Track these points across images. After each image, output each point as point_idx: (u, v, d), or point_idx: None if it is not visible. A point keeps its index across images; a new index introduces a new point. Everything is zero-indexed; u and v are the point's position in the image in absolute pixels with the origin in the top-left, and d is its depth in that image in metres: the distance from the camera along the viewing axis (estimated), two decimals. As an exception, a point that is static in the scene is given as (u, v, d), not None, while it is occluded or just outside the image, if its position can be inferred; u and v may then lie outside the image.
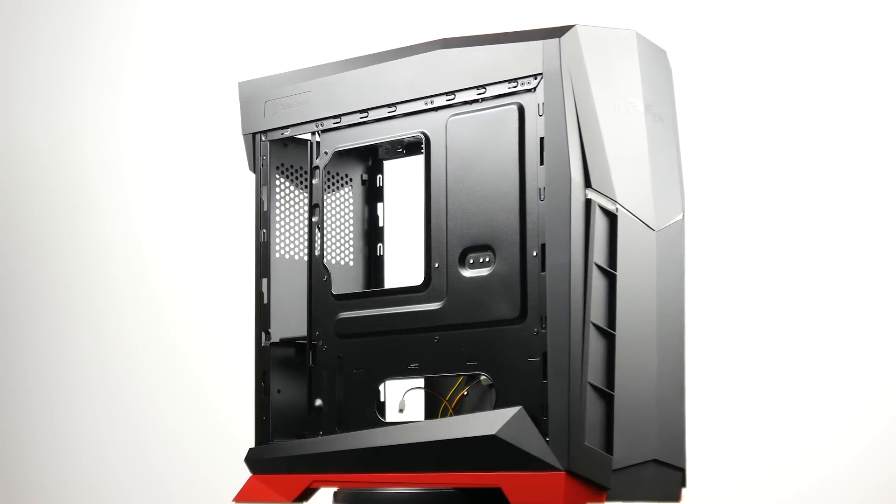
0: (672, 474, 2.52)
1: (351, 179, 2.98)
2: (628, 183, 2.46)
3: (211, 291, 4.11)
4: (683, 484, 2.56)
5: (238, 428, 3.24)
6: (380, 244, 2.99)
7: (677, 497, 2.54)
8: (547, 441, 2.40)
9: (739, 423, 4.10)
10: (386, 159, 3.00)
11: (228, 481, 3.08)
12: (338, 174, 2.96)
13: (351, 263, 2.98)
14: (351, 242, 2.97)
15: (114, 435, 3.99)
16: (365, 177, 2.99)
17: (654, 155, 2.53)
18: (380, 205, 3.00)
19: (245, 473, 2.81)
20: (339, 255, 2.94)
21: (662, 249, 2.51)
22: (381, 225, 3.00)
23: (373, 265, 2.99)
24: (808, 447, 4.03)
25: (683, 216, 2.61)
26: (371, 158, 3.00)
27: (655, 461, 2.48)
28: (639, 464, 2.45)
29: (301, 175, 2.91)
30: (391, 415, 2.85)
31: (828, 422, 4.02)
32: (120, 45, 4.21)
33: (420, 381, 2.81)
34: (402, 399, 2.82)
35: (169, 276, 4.11)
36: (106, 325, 4.02)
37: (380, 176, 3.00)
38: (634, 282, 2.46)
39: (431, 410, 2.79)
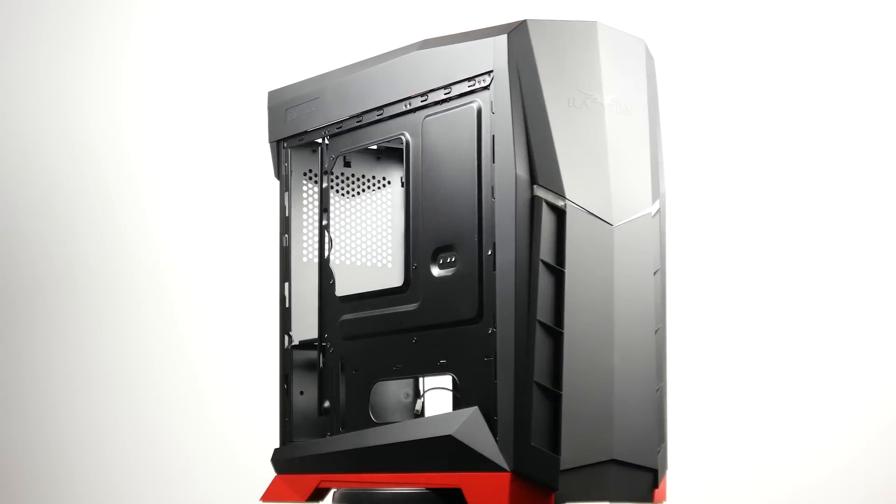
0: (638, 475, 2.45)
1: (389, 182, 3.02)
2: (581, 178, 2.41)
3: (230, 295, 4.15)
4: (655, 485, 2.47)
5: (263, 429, 3.31)
6: None
7: (647, 498, 2.46)
8: (497, 441, 2.38)
9: (738, 422, 4.04)
10: None
11: (250, 481, 3.17)
12: (374, 177, 3.00)
13: (389, 265, 3.01)
14: (390, 244, 3.01)
15: (131, 435, 4.06)
16: (405, 178, 3.02)
17: (616, 147, 2.46)
18: None
19: (267, 474, 2.89)
20: (378, 257, 2.98)
21: (624, 244, 2.44)
22: None
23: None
24: (807, 446, 3.98)
25: (660, 209, 2.52)
26: None
27: (615, 461, 2.40)
28: (594, 464, 2.39)
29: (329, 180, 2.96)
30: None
31: (826, 421, 3.98)
32: (138, 46, 4.23)
33: (447, 381, 2.83)
34: (420, 399, 2.85)
35: (189, 281, 4.15)
36: (127, 327, 4.10)
37: None
38: (588, 278, 2.40)
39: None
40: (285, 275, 2.91)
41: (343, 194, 2.97)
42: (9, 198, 4.07)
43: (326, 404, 2.79)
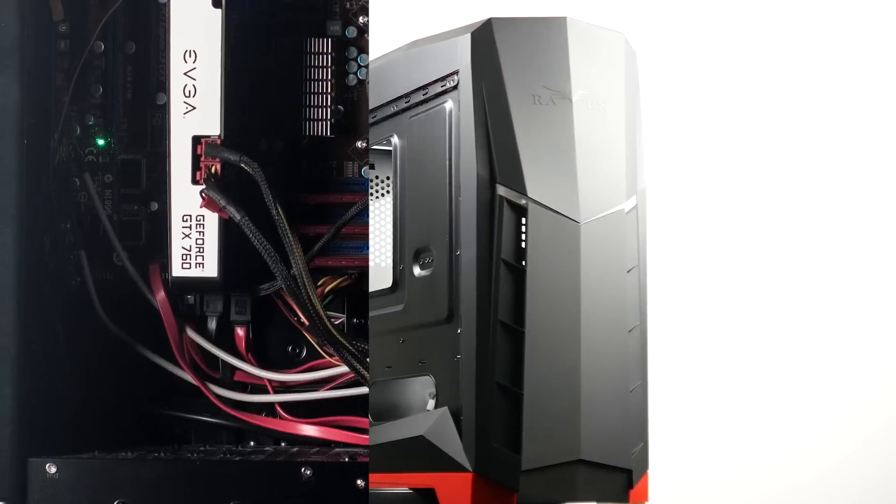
0: (610, 475, 2.41)
1: None
2: (545, 175, 2.38)
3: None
4: (631, 485, 2.43)
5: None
6: None
7: (621, 498, 2.43)
8: (462, 441, 2.38)
9: (733, 421, 3.95)
10: None
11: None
12: None
13: None
14: None
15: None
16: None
17: (586, 144, 2.43)
18: None
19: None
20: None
21: (593, 241, 2.40)
22: None
23: None
24: (803, 444, 3.91)
25: (637, 206, 2.48)
26: None
27: (583, 461, 2.37)
28: (559, 464, 2.36)
29: None
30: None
31: (822, 419, 3.92)
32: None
33: None
34: (429, 399, 2.86)
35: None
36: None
37: None
38: (552, 277, 2.37)
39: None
40: None
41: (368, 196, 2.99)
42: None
43: None
